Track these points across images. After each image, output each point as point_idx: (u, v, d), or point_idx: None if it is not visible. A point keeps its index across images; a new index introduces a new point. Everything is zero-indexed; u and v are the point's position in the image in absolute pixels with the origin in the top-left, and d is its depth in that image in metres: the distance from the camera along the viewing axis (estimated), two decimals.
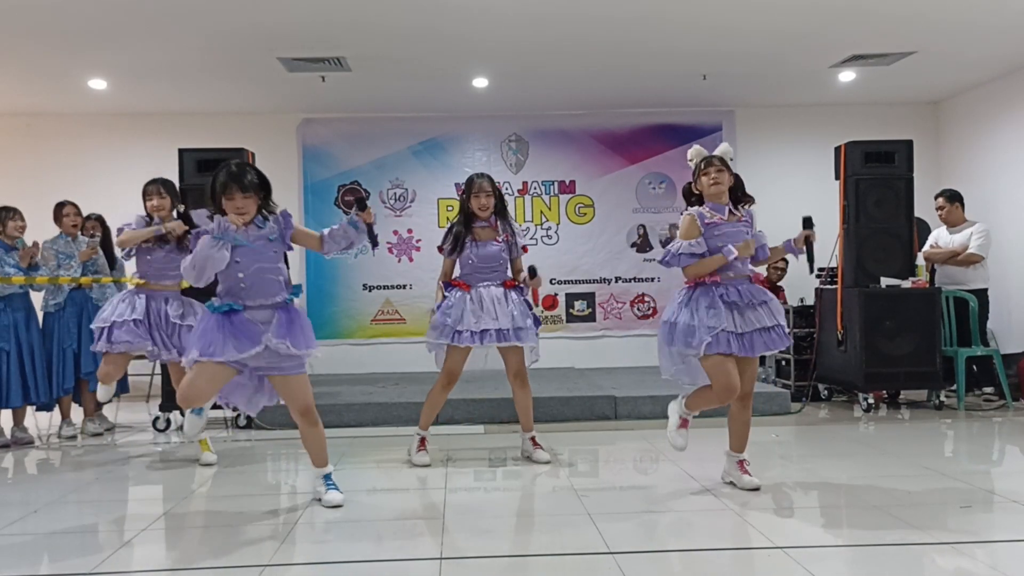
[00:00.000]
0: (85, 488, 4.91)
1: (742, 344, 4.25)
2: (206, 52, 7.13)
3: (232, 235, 4.00)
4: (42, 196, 7.27)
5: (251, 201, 4.04)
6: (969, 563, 3.34)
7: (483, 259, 5.22)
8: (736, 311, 4.26)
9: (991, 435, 6.23)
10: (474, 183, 5.26)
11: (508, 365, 5.32)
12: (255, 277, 4.05)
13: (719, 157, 4.47)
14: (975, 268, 7.38)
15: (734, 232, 4.39)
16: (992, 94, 8.60)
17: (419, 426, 5.39)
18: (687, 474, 4.86)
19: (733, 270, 4.35)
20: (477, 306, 5.12)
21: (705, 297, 4.30)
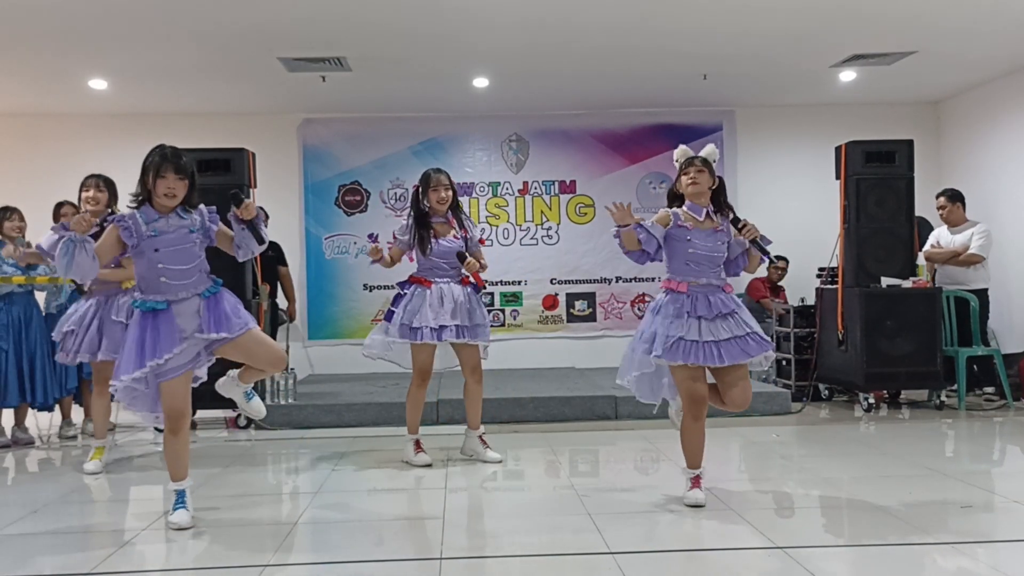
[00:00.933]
0: (85, 488, 4.91)
1: (708, 353, 4.11)
2: (206, 52, 7.13)
3: (142, 227, 3.93)
4: (42, 196, 7.26)
5: (182, 185, 3.99)
6: (970, 563, 3.34)
7: (442, 255, 5.22)
8: (704, 321, 4.16)
9: (992, 435, 6.23)
10: (432, 177, 5.31)
11: (464, 362, 5.29)
12: (173, 267, 3.96)
13: (701, 158, 4.41)
14: (976, 268, 7.37)
15: (706, 239, 4.29)
16: (993, 94, 8.60)
17: (408, 431, 5.36)
18: None
19: (703, 277, 4.25)
20: (436, 302, 5.11)
21: (672, 305, 4.23)
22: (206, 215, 4.11)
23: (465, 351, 5.26)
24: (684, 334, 4.13)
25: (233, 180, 6.71)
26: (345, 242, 9.37)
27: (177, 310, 3.96)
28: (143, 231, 3.94)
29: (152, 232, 3.95)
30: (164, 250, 3.95)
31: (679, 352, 4.11)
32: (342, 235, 9.38)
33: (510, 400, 6.81)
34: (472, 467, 5.24)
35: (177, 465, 4.06)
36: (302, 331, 8.97)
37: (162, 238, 3.95)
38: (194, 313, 3.99)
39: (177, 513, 4.00)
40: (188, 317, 3.98)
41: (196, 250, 4.04)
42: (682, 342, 4.12)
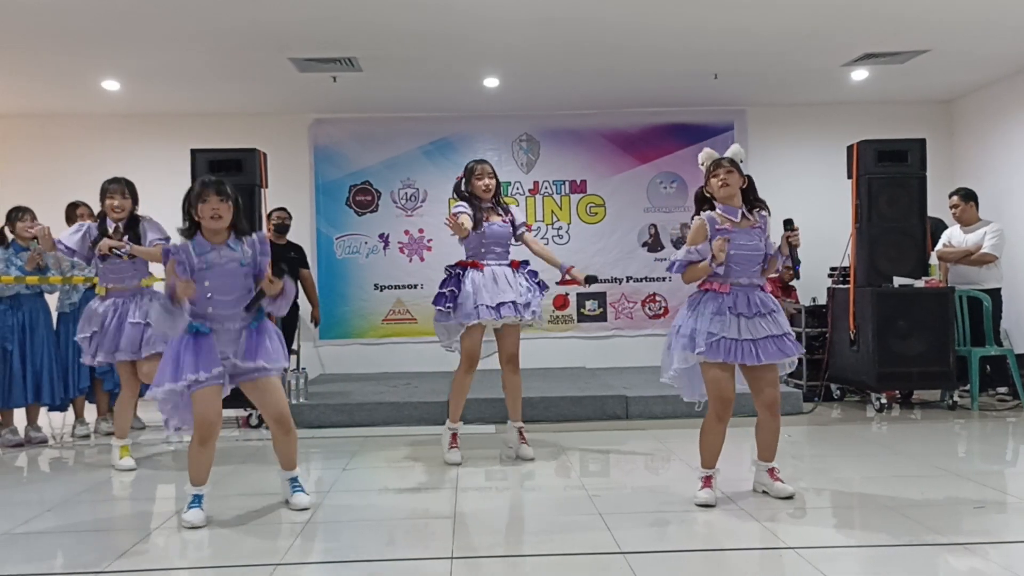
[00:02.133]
0: (98, 487, 4.94)
1: (747, 352, 4.14)
2: (218, 53, 7.15)
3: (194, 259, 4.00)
4: (55, 197, 7.31)
5: (226, 207, 4.05)
6: (982, 564, 3.32)
7: (492, 238, 5.31)
8: (744, 319, 4.18)
9: (1005, 435, 6.20)
10: (476, 167, 5.42)
11: (503, 348, 5.34)
12: (220, 298, 4.05)
13: (728, 159, 4.41)
14: (989, 268, 7.33)
15: (746, 239, 4.28)
16: (1005, 92, 8.55)
17: (449, 419, 5.39)
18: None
19: (744, 277, 4.26)
20: (491, 282, 5.18)
21: (712, 303, 4.22)
22: (258, 248, 4.18)
23: (506, 338, 5.31)
24: (725, 332, 4.14)
25: (245, 180, 6.74)
26: (356, 242, 9.39)
27: (220, 337, 4.06)
28: (195, 263, 4.02)
29: (203, 265, 4.03)
30: (214, 282, 4.04)
31: (720, 350, 4.13)
32: (353, 235, 9.39)
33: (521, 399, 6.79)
34: (483, 467, 5.24)
35: (199, 472, 4.11)
36: (313, 331, 8.98)
37: (213, 271, 4.04)
38: (235, 340, 4.09)
39: (191, 512, 4.04)
40: (229, 343, 4.08)
41: (245, 282, 4.11)
42: (723, 340, 4.14)
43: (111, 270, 5.42)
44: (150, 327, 5.16)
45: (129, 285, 5.44)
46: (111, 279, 5.44)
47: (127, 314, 5.35)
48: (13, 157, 9.21)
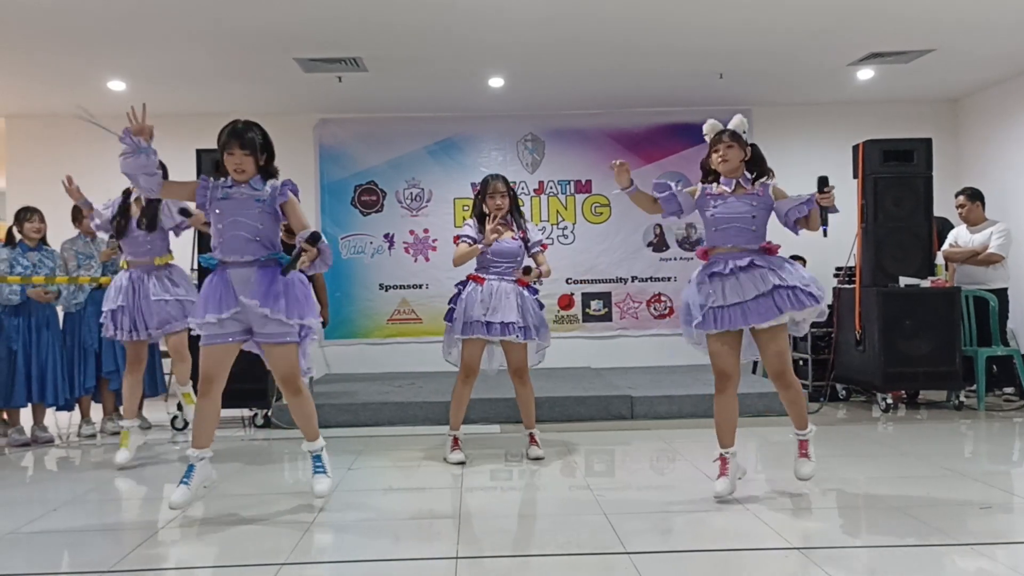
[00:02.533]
0: (104, 486, 4.95)
1: (735, 317, 4.09)
2: (223, 53, 7.16)
3: (217, 191, 4.21)
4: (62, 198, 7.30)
5: (250, 160, 4.17)
6: (990, 564, 3.31)
7: (499, 255, 5.30)
8: (723, 281, 4.13)
9: (1011, 435, 6.18)
10: (488, 184, 5.38)
11: (510, 362, 5.35)
12: (230, 231, 4.09)
13: (730, 131, 4.39)
14: (995, 267, 7.31)
15: (733, 207, 4.27)
16: (1012, 91, 8.52)
17: (450, 426, 5.40)
18: (704, 474, 4.84)
19: (729, 242, 4.22)
20: (487, 298, 5.17)
21: (703, 273, 4.26)
22: (278, 188, 4.20)
23: (512, 352, 5.31)
24: (712, 301, 4.15)
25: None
26: (361, 242, 9.40)
27: (233, 275, 4.09)
28: (215, 194, 4.17)
29: (221, 195, 4.15)
30: (226, 216, 4.11)
31: (710, 320, 4.15)
32: (358, 235, 9.40)
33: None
34: (488, 466, 5.24)
35: (200, 429, 4.13)
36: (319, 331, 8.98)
37: (227, 203, 4.14)
38: (246, 280, 4.08)
39: (178, 490, 4.06)
40: (242, 284, 4.08)
41: (257, 222, 4.13)
42: (711, 310, 4.15)
43: (128, 244, 5.53)
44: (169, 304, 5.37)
45: (143, 260, 5.50)
46: (128, 253, 5.55)
47: (146, 291, 5.40)
48: (20, 158, 9.24)
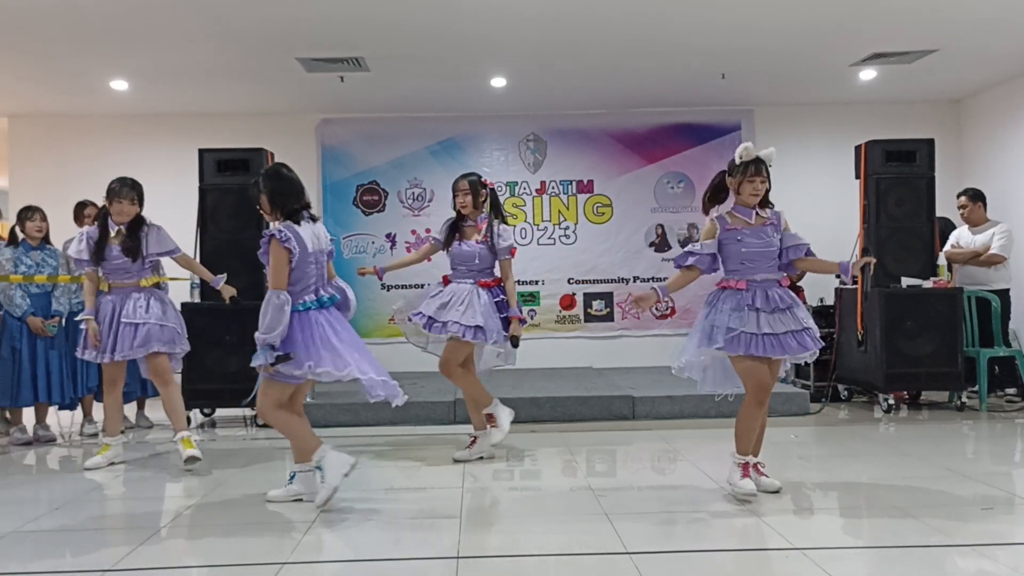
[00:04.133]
0: (106, 485, 4.95)
1: (769, 346, 4.23)
2: (225, 53, 7.17)
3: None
4: (64, 197, 7.34)
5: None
6: (991, 565, 3.31)
7: (457, 257, 5.44)
8: (763, 314, 4.25)
9: (1013, 436, 6.18)
10: (455, 183, 5.54)
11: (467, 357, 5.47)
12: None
13: (767, 166, 4.38)
14: (997, 268, 7.31)
15: (760, 238, 4.33)
16: (1015, 91, 8.51)
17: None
18: (705, 475, 4.84)
19: (759, 274, 4.31)
20: (446, 297, 5.31)
21: (731, 300, 4.31)
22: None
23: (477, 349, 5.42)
24: (744, 327, 4.22)
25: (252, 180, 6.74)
26: (363, 242, 9.40)
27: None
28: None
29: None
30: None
31: (740, 344, 4.21)
32: (360, 235, 9.41)
33: (527, 400, 6.80)
34: (489, 466, 5.24)
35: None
36: None
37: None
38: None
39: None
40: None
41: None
42: (743, 335, 4.21)
43: (112, 269, 5.36)
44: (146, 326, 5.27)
45: (128, 282, 5.36)
46: (111, 276, 5.38)
47: (122, 314, 5.28)
48: (22, 157, 9.24)
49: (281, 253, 4.16)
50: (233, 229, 6.86)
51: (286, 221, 4.29)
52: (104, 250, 5.32)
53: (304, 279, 4.25)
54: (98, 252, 5.31)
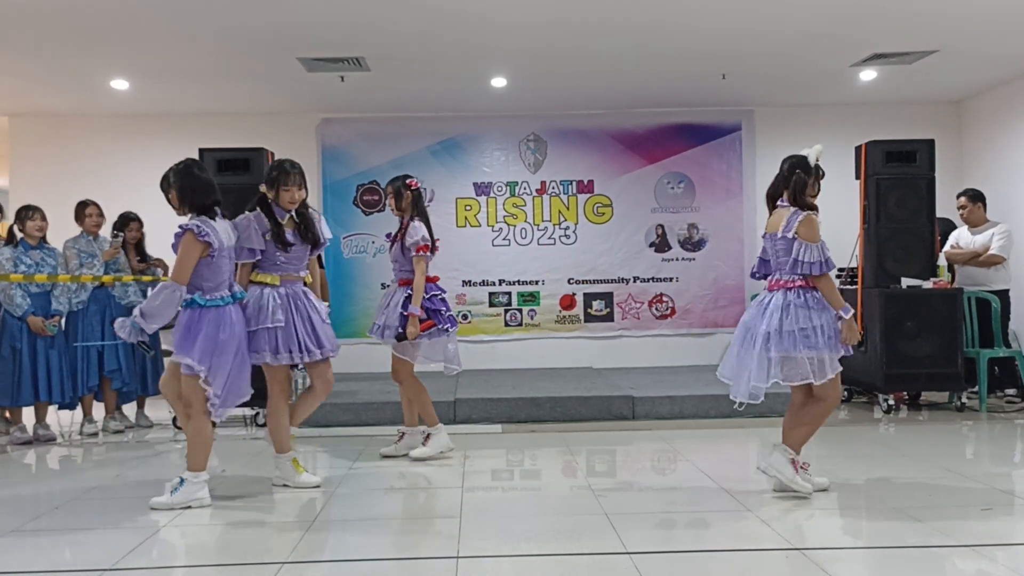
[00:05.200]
0: (106, 485, 4.95)
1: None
2: (226, 52, 7.17)
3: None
4: (65, 196, 7.34)
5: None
6: (990, 566, 3.31)
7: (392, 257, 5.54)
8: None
9: (1013, 437, 6.18)
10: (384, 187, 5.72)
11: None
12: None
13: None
14: (997, 269, 7.30)
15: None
16: (1015, 92, 8.51)
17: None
18: (705, 475, 4.84)
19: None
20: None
21: (820, 301, 4.28)
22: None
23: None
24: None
25: (253, 180, 6.74)
26: (363, 241, 9.40)
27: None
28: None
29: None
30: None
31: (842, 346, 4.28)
32: (360, 235, 9.40)
33: (527, 400, 6.81)
34: (489, 466, 5.24)
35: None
36: None
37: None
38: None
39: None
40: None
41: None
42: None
43: (287, 259, 4.71)
44: (326, 325, 4.79)
45: (298, 275, 4.79)
46: (285, 267, 4.72)
47: (308, 308, 4.72)
48: (22, 156, 9.25)
49: (195, 247, 4.25)
50: None
51: (200, 216, 4.33)
52: (284, 236, 4.67)
53: (220, 274, 4.36)
54: (279, 239, 4.65)
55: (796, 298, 4.26)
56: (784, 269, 4.34)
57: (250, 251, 4.63)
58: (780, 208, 4.41)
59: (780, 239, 4.33)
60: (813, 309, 4.24)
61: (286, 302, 4.63)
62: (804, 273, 4.24)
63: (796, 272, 4.26)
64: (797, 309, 4.23)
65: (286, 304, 4.62)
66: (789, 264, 4.27)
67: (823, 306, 4.26)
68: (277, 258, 4.67)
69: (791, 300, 4.25)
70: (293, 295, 4.68)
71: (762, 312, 4.33)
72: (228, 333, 4.31)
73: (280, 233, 4.64)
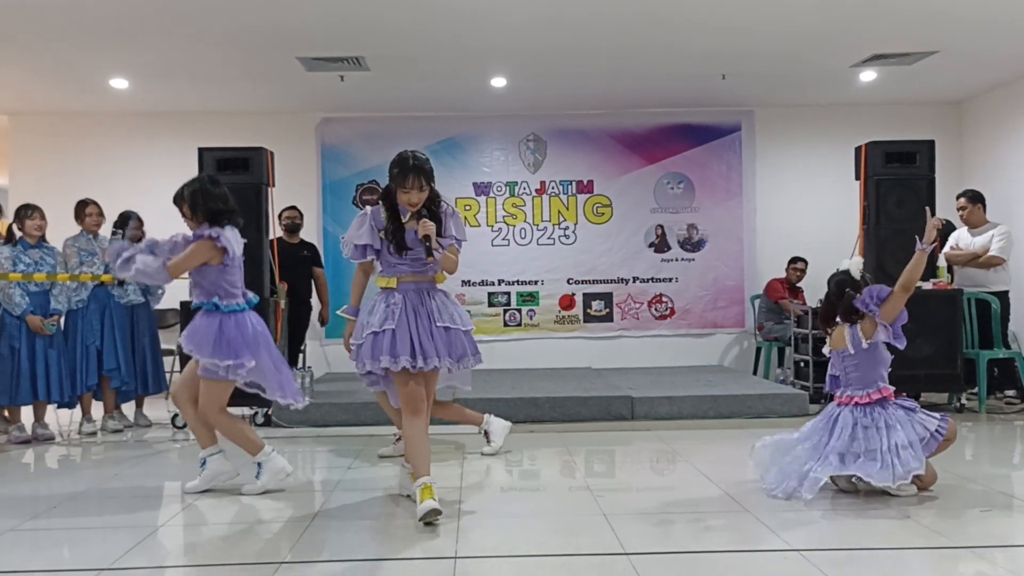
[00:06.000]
0: (104, 484, 4.95)
1: None
2: (226, 52, 7.17)
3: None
4: (65, 195, 7.33)
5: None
6: (989, 568, 3.31)
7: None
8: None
9: (1012, 438, 6.17)
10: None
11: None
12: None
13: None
14: (996, 270, 7.30)
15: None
16: (1016, 93, 8.51)
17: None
18: (703, 475, 4.84)
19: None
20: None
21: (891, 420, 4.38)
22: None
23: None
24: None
25: (252, 179, 6.75)
26: None
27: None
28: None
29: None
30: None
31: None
32: None
33: (526, 400, 6.81)
34: (487, 466, 5.24)
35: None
36: (319, 330, 8.98)
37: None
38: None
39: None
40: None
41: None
42: None
43: (409, 259, 4.20)
44: (457, 332, 4.21)
45: (424, 276, 4.25)
46: (401, 270, 4.22)
47: (430, 313, 4.18)
48: (22, 155, 9.26)
49: (206, 253, 4.38)
50: None
51: (213, 226, 4.45)
52: (402, 236, 4.17)
53: (236, 282, 4.50)
54: (394, 239, 4.15)
55: (863, 416, 4.32)
56: (854, 384, 4.42)
57: (360, 249, 4.23)
58: (839, 325, 4.53)
59: (850, 355, 4.44)
60: (882, 428, 4.27)
61: (402, 306, 4.11)
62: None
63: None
64: (866, 430, 4.28)
65: (402, 309, 4.10)
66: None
67: (894, 422, 4.29)
68: (391, 258, 4.19)
69: (858, 419, 4.32)
70: (410, 300, 4.16)
71: (829, 427, 4.38)
72: (252, 333, 4.46)
73: (396, 233, 4.13)
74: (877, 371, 4.43)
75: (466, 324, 4.27)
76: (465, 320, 4.27)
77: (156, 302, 6.98)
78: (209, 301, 4.42)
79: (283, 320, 7.12)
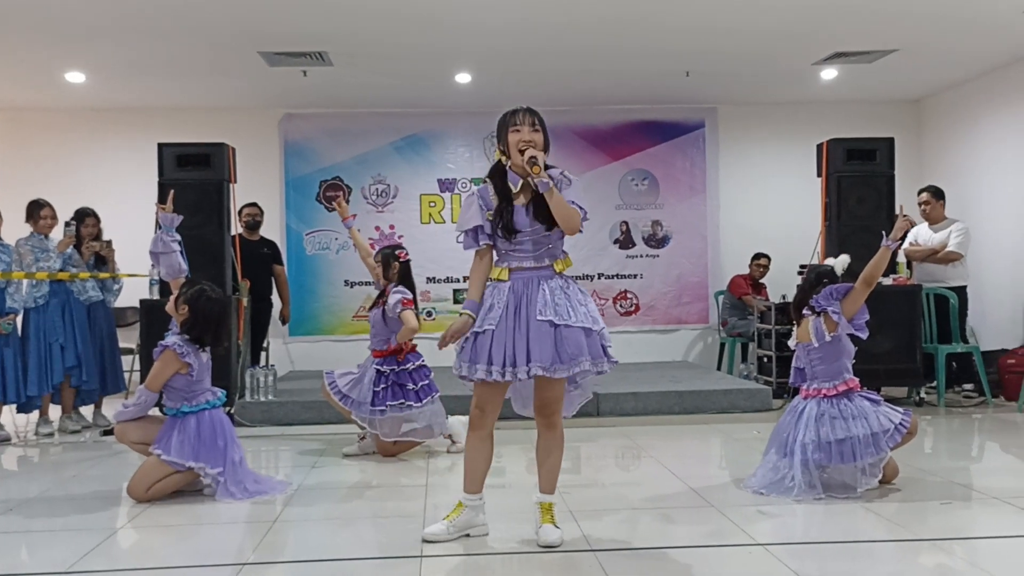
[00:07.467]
0: (62, 485, 4.86)
1: None
2: (186, 46, 7.06)
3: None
4: (19, 191, 7.18)
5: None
6: (949, 559, 3.35)
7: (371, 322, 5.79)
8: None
9: (971, 432, 6.27)
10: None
11: None
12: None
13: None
14: (954, 266, 7.41)
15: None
16: (974, 92, 8.65)
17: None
18: (669, 471, 4.86)
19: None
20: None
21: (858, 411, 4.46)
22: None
23: None
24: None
25: (213, 175, 6.68)
26: (326, 238, 9.33)
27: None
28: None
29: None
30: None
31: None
32: (323, 231, 9.33)
33: None
34: (452, 464, 5.22)
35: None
36: (282, 327, 8.90)
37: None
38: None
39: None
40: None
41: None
42: None
43: (516, 244, 3.60)
44: (570, 329, 3.56)
45: (538, 265, 3.72)
46: (512, 258, 3.64)
47: (536, 307, 3.57)
48: None
49: (175, 364, 4.41)
50: (193, 225, 6.70)
51: (185, 337, 4.46)
52: (511, 216, 3.53)
53: (202, 383, 4.52)
54: (503, 219, 3.53)
55: (830, 407, 4.32)
56: (820, 377, 4.44)
57: (472, 234, 3.56)
58: (805, 317, 4.56)
59: (815, 348, 4.45)
60: (848, 419, 4.28)
61: (506, 302, 3.53)
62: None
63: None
64: (833, 420, 4.28)
65: (506, 305, 3.52)
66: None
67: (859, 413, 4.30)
68: (501, 244, 3.58)
69: (825, 410, 4.31)
70: (516, 293, 3.56)
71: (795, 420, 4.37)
72: (220, 429, 4.47)
73: (505, 212, 3.50)
74: (841, 362, 4.46)
75: (583, 320, 3.56)
76: (582, 315, 3.57)
77: (114, 299, 6.86)
78: (175, 407, 4.46)
79: (246, 318, 7.04)
